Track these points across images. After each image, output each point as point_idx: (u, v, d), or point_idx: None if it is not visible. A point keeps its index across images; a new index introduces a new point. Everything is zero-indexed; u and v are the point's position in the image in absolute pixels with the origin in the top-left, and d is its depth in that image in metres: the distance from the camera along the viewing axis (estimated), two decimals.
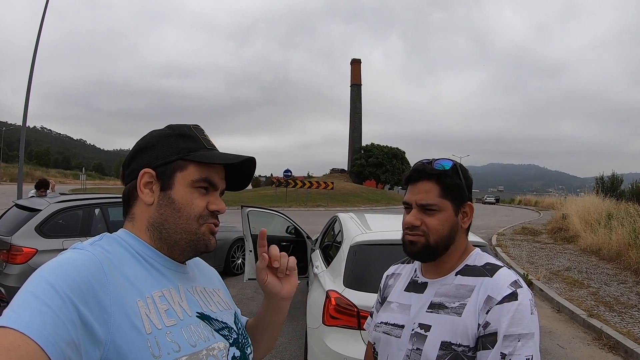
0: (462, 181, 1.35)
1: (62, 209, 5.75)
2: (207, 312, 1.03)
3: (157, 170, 1.00)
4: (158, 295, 0.92)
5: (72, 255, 0.84)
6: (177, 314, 0.93)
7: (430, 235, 1.31)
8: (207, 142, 1.07)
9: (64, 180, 70.86)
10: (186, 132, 1.05)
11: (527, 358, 1.12)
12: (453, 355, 1.22)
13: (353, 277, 3.51)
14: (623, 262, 10.14)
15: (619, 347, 5.49)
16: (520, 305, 1.18)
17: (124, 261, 0.92)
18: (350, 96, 72.34)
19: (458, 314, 1.25)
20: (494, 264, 1.32)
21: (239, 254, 9.17)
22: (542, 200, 49.29)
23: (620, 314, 6.69)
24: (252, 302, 7.04)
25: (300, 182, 38.14)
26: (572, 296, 7.70)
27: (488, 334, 1.18)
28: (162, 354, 0.84)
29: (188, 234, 1.00)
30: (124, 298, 0.84)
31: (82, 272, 0.80)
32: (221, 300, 1.15)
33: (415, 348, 1.29)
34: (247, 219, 6.14)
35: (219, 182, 1.05)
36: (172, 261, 1.03)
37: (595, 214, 15.14)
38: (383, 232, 4.04)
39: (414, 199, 1.34)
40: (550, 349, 5.54)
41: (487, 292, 1.24)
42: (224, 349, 0.99)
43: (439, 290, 1.34)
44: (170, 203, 0.99)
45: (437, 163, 1.34)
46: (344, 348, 3.22)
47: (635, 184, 26.36)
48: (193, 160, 1.01)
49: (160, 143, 1.03)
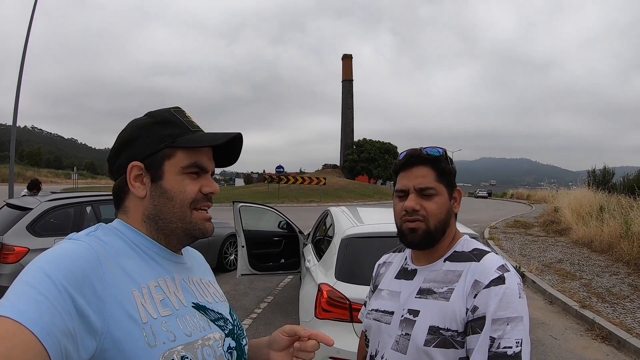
0: (452, 167, 1.36)
1: (54, 207, 5.73)
2: (203, 303, 1.02)
3: (144, 162, 0.98)
4: (154, 285, 0.92)
5: (68, 246, 0.84)
6: (173, 304, 0.92)
7: (430, 220, 1.30)
8: (191, 124, 1.05)
9: (56, 180, 70.33)
10: (168, 117, 1.03)
11: (516, 341, 1.11)
12: (441, 340, 1.21)
13: (345, 270, 3.51)
14: (615, 254, 10.20)
15: (612, 338, 5.52)
16: (507, 289, 1.17)
17: (119, 251, 0.91)
18: (342, 92, 72.45)
19: (446, 299, 1.24)
20: (482, 249, 1.32)
21: (232, 250, 9.16)
22: (534, 194, 49.56)
23: (612, 305, 6.72)
24: (245, 298, 7.03)
25: (292, 178, 38.27)
26: (564, 288, 7.73)
27: (476, 318, 1.17)
28: (158, 344, 0.84)
29: (183, 222, 1.00)
30: (120, 288, 0.84)
31: (78, 262, 0.79)
32: (216, 291, 1.14)
33: (404, 333, 1.28)
34: (239, 215, 6.13)
35: (209, 164, 1.04)
36: (168, 251, 1.02)
37: (587, 206, 15.24)
38: (374, 224, 4.04)
39: (411, 184, 1.32)
40: (543, 340, 5.56)
41: (474, 276, 1.23)
42: (220, 339, 0.99)
43: (427, 276, 1.34)
44: (163, 193, 0.98)
45: (430, 149, 1.34)
46: (337, 341, 3.19)
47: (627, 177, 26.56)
48: (180, 147, 0.99)
49: (143, 134, 1.01)
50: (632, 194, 13.57)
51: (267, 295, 7.22)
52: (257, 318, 6.07)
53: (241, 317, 6.08)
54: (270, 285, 7.88)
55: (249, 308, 6.51)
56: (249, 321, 5.93)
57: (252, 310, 6.44)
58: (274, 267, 6.62)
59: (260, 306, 6.64)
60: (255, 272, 6.27)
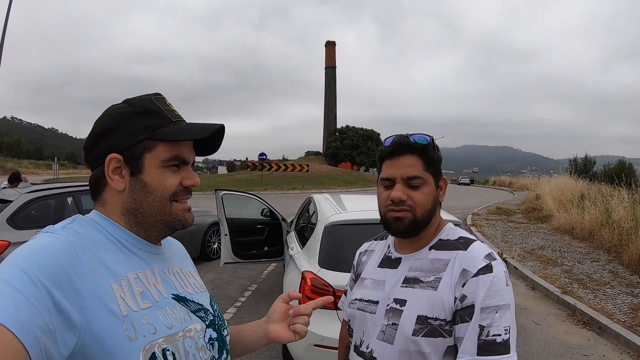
0: (438, 155, 1.33)
1: (34, 199, 5.63)
2: (183, 294, 1.01)
3: (124, 154, 0.95)
4: (133, 277, 0.90)
5: (44, 240, 0.82)
6: (153, 296, 0.91)
7: (418, 209, 1.28)
8: (172, 113, 1.01)
9: (37, 171, 69.18)
10: (148, 106, 0.99)
11: (505, 329, 1.12)
12: (429, 329, 1.20)
13: (328, 257, 3.50)
14: (595, 240, 10.36)
15: (593, 323, 5.59)
16: (495, 277, 1.17)
17: (97, 244, 0.89)
18: (325, 79, 72.35)
19: (434, 288, 1.23)
20: (467, 238, 1.32)
21: (215, 239, 9.09)
22: (516, 181, 50.15)
23: (593, 290, 6.81)
24: (229, 287, 6.99)
25: (275, 166, 38.21)
26: (546, 274, 7.82)
27: (465, 307, 1.17)
28: (139, 336, 0.83)
29: (163, 215, 0.98)
30: (99, 281, 0.82)
31: (55, 257, 0.77)
32: (197, 282, 1.13)
33: (391, 323, 1.26)
34: (221, 203, 6.09)
35: (190, 156, 1.02)
36: (147, 243, 1.00)
37: (569, 194, 15.46)
38: (357, 211, 4.03)
39: (398, 173, 1.29)
40: (525, 326, 5.60)
41: (462, 265, 1.22)
42: (201, 330, 0.98)
43: (413, 264, 1.33)
44: (143, 187, 0.96)
45: (418, 136, 1.30)
46: (322, 328, 3.20)
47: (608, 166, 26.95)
48: (161, 139, 0.96)
49: (123, 124, 0.96)
50: (612, 182, 13.75)
51: (251, 284, 7.18)
52: (241, 306, 6.03)
53: (225, 305, 6.06)
54: (254, 273, 7.85)
55: (233, 297, 6.47)
56: (233, 310, 5.89)
57: (236, 298, 6.41)
58: (257, 255, 6.60)
59: (244, 294, 6.60)
60: (238, 260, 6.26)
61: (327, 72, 72.27)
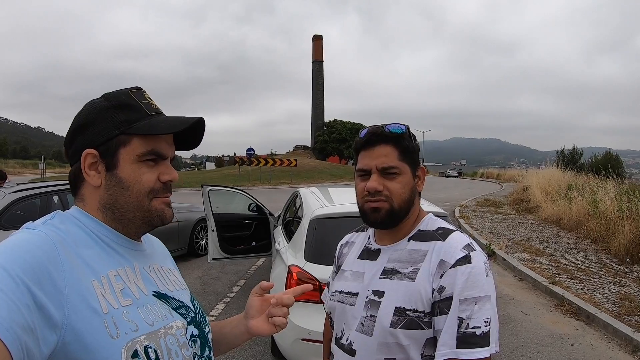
0: (415, 144, 1.31)
1: (19, 199, 5.59)
2: (164, 291, 1.00)
3: (99, 149, 0.93)
4: (113, 274, 0.89)
5: (24, 236, 0.81)
6: (133, 293, 0.90)
7: (394, 199, 1.27)
8: (149, 106, 0.99)
9: (23, 171, 68.43)
10: (125, 101, 0.97)
11: (485, 321, 1.10)
12: (407, 321, 1.19)
13: (314, 251, 3.49)
14: (583, 231, 10.43)
15: (581, 313, 5.62)
16: (474, 268, 1.15)
17: (77, 240, 0.88)
18: (312, 73, 72.19)
19: (411, 279, 1.22)
20: (447, 228, 1.30)
21: (203, 235, 9.03)
22: (504, 173, 50.43)
23: (581, 281, 6.86)
24: (217, 282, 6.95)
25: (263, 160, 38.17)
26: (534, 265, 7.85)
27: (444, 298, 1.15)
28: (120, 334, 0.82)
29: (141, 211, 0.96)
30: (79, 279, 0.81)
31: (35, 254, 0.76)
32: (177, 279, 1.12)
33: (370, 315, 1.25)
34: (208, 199, 6.06)
35: (168, 150, 0.99)
36: (127, 239, 0.99)
37: (556, 185, 15.58)
38: (343, 204, 4.01)
39: (373, 163, 1.27)
40: (514, 316, 5.62)
41: (439, 256, 1.21)
42: (182, 327, 0.98)
43: (391, 256, 1.32)
44: (118, 182, 0.94)
45: (393, 126, 1.29)
46: (308, 322, 3.20)
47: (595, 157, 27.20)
48: (136, 133, 0.94)
49: (99, 118, 0.94)
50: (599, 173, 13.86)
51: (240, 279, 7.14)
52: (229, 302, 6.00)
53: (214, 301, 6.04)
54: (242, 268, 7.81)
55: (221, 292, 6.43)
56: (221, 305, 5.86)
57: (225, 294, 6.37)
58: (245, 251, 6.58)
59: (232, 290, 6.57)
60: (226, 255, 6.24)
61: (314, 66, 72.11)
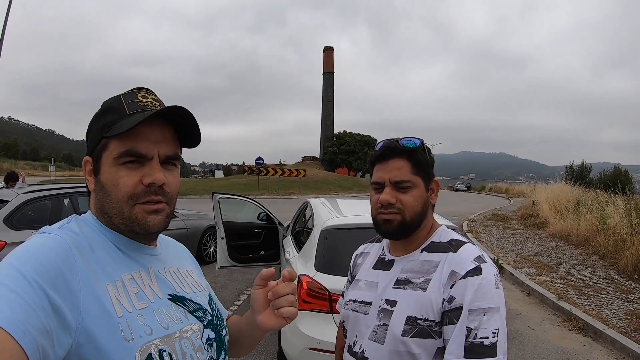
0: (429, 158, 1.35)
1: (31, 200, 5.62)
2: (181, 294, 1.00)
3: (92, 155, 0.95)
4: (128, 278, 0.89)
5: (40, 240, 0.81)
6: (148, 297, 0.90)
7: (406, 212, 1.30)
8: (134, 105, 0.94)
9: (33, 172, 68.74)
10: (110, 104, 0.96)
11: (493, 332, 1.12)
12: (419, 330, 1.21)
13: (324, 261, 3.50)
14: (591, 247, 10.36)
15: (588, 329, 5.60)
16: (484, 279, 1.18)
17: (92, 244, 0.88)
18: (323, 84, 72.45)
19: (423, 289, 1.25)
20: (459, 240, 1.33)
21: (211, 242, 9.07)
22: (512, 188, 50.21)
23: (589, 296, 6.82)
24: (225, 290, 6.98)
25: (272, 170, 38.21)
26: (541, 280, 7.83)
27: (453, 308, 1.18)
28: (134, 337, 0.82)
29: (122, 217, 0.92)
30: (94, 282, 0.81)
31: (51, 257, 0.77)
32: (195, 281, 1.12)
33: (382, 324, 1.28)
34: (218, 206, 6.08)
35: (150, 150, 0.92)
36: (139, 243, 0.98)
37: (565, 201, 15.49)
38: (354, 216, 4.03)
39: (387, 176, 1.31)
40: (521, 331, 5.61)
41: (451, 267, 1.23)
42: (198, 330, 0.97)
43: (405, 266, 1.35)
44: (102, 188, 0.93)
45: (407, 140, 1.33)
46: (317, 332, 3.21)
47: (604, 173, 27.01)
48: (111, 136, 0.91)
49: (92, 126, 0.97)
50: (608, 189, 13.80)
51: (247, 288, 7.16)
52: (237, 310, 6.02)
53: None
54: (250, 277, 7.82)
55: (228, 300, 6.46)
56: (229, 313, 5.86)
57: (232, 302, 6.39)
58: (253, 259, 6.59)
59: (240, 298, 6.59)
60: (234, 264, 6.25)
61: (324, 77, 72.41)
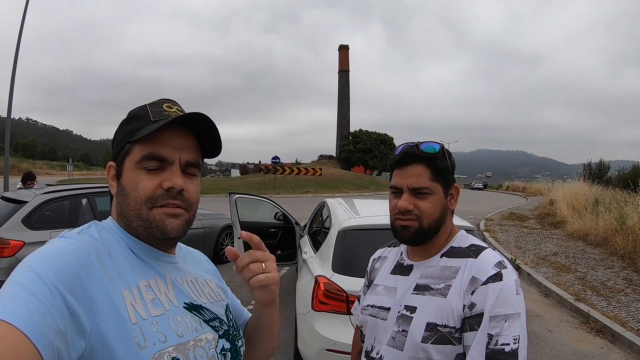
0: (449, 163, 1.34)
1: (49, 200, 5.67)
2: (198, 302, 1.01)
3: (116, 161, 0.99)
4: (144, 284, 0.90)
5: (59, 244, 0.83)
6: (163, 304, 0.91)
7: (424, 219, 1.30)
8: (158, 114, 0.98)
9: (51, 172, 69.57)
10: (137, 112, 1.00)
11: (514, 338, 1.12)
12: (439, 337, 1.21)
13: (341, 262, 3.50)
14: (609, 247, 10.23)
15: (606, 331, 5.55)
16: (505, 285, 1.17)
17: (110, 250, 0.90)
18: (338, 82, 72.31)
19: (443, 295, 1.24)
20: (479, 245, 1.32)
21: (228, 242, 9.12)
22: (529, 187, 49.62)
23: (607, 298, 6.75)
24: (241, 289, 7.00)
25: (288, 169, 38.28)
26: (559, 281, 7.76)
27: (474, 315, 1.17)
28: (148, 344, 0.82)
29: (140, 220, 0.94)
30: (110, 287, 0.82)
31: (69, 261, 0.78)
32: (212, 291, 1.13)
33: (401, 330, 1.28)
34: (235, 206, 6.12)
35: (172, 154, 0.95)
36: (157, 250, 1.00)
37: (583, 200, 15.28)
38: (371, 217, 4.02)
39: (405, 183, 1.31)
40: (538, 333, 5.58)
41: (471, 273, 1.23)
42: (213, 340, 0.98)
43: (424, 272, 1.34)
44: (122, 191, 0.96)
45: (426, 145, 1.32)
46: (334, 333, 3.22)
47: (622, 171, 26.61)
48: (134, 140, 0.94)
49: (117, 133, 1.01)
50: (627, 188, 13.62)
51: None
52: (252, 310, 6.04)
53: None
54: None
55: (245, 300, 6.41)
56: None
57: (249, 301, 6.43)
58: None
59: None
60: None
61: (340, 75, 72.29)
